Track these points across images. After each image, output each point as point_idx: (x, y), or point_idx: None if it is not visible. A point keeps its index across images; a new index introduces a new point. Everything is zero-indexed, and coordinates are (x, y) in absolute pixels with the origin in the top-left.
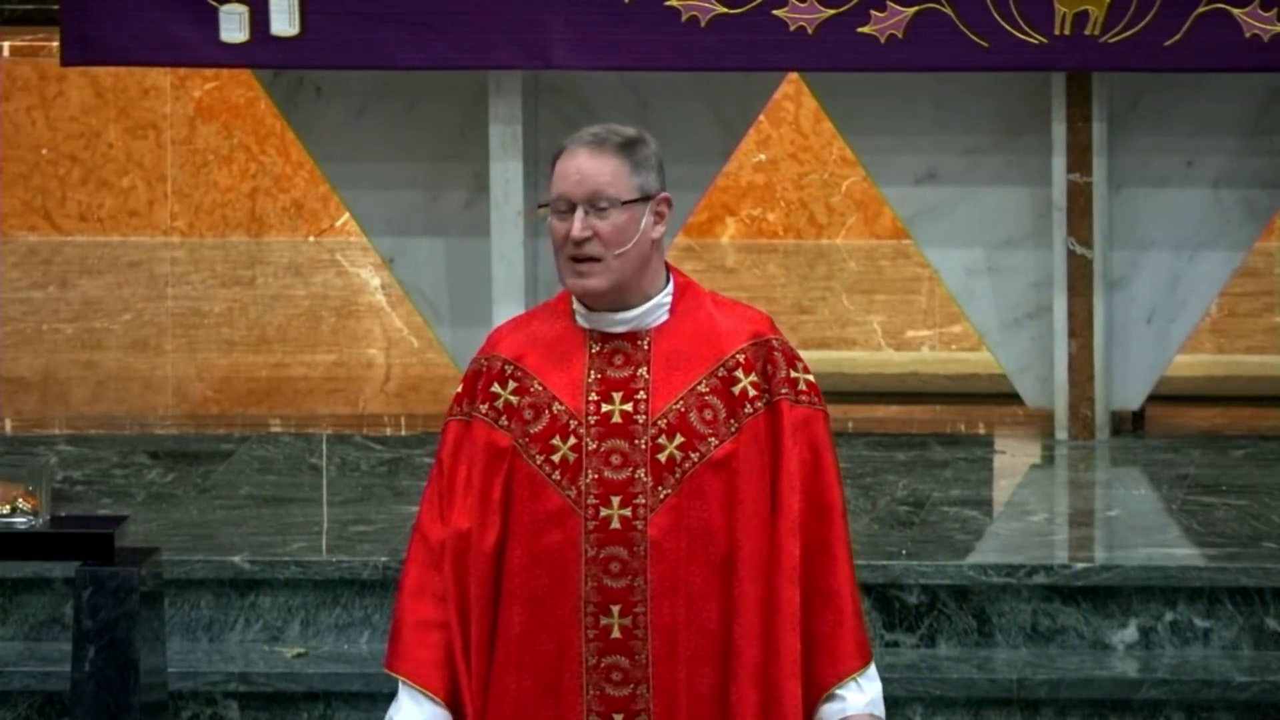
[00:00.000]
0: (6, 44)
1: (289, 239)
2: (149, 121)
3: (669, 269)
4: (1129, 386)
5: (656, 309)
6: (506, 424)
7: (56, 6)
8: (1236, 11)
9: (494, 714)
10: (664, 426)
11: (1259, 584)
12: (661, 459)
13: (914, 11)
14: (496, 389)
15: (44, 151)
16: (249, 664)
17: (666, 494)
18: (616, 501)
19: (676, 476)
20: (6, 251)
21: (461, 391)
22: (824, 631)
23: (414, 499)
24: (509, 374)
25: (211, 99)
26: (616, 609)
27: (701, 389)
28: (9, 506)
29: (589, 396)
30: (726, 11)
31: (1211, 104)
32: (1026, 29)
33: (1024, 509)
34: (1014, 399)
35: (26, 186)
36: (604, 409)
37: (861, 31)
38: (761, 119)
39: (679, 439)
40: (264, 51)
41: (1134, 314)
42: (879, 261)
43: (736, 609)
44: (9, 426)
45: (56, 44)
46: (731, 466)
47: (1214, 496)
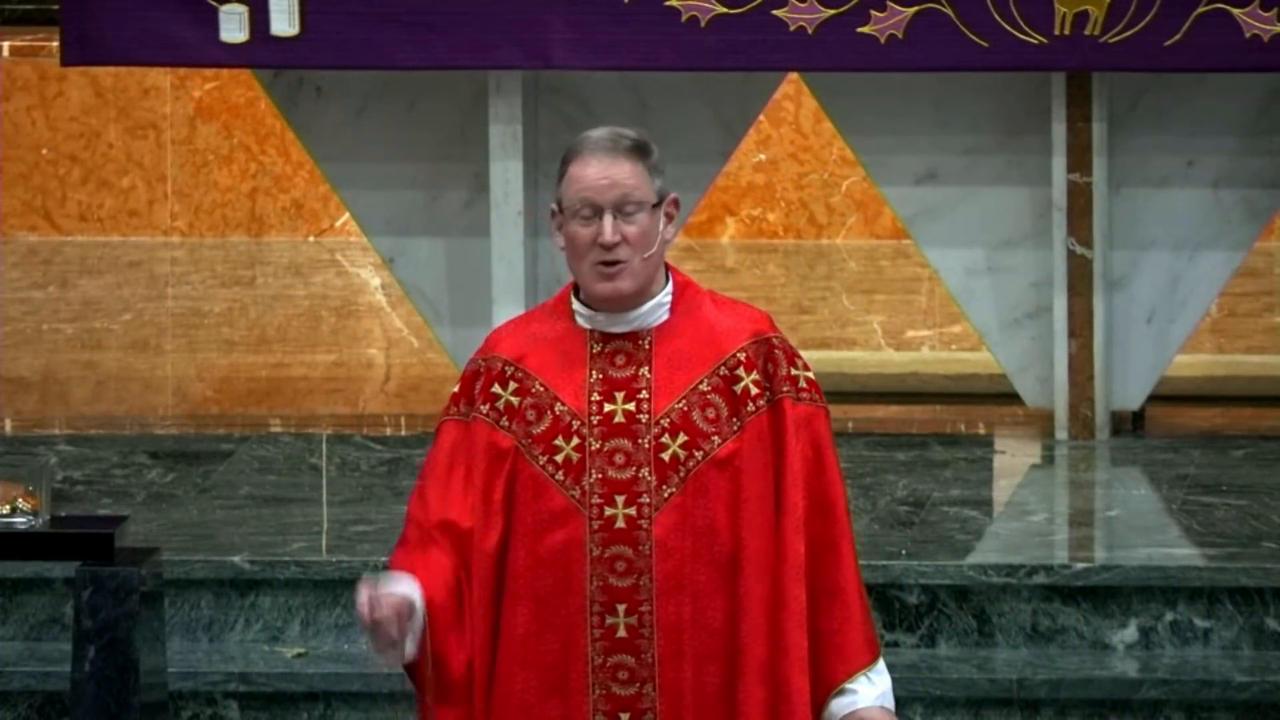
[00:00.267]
0: (6, 44)
1: (289, 239)
2: (149, 121)
3: (667, 268)
4: (1129, 386)
5: (658, 308)
6: (507, 425)
7: (56, 6)
8: (1236, 11)
9: (499, 714)
10: (667, 425)
11: (1259, 584)
12: (665, 458)
13: (914, 11)
14: (497, 389)
15: (44, 151)
16: (249, 664)
17: (671, 493)
18: (621, 501)
19: (681, 475)
20: (6, 251)
21: (459, 392)
22: (831, 627)
23: None
24: (509, 375)
25: (211, 99)
26: (622, 608)
27: (704, 388)
28: (9, 506)
29: (591, 396)
30: (726, 11)
31: (1211, 104)
32: (1026, 29)
33: (1024, 509)
34: (1014, 399)
35: (26, 186)
36: (606, 409)
37: (861, 31)
38: (761, 119)
39: (682, 438)
40: (264, 51)
41: (1134, 314)
42: (879, 261)
43: (743, 607)
44: (9, 426)
45: (56, 44)
46: (735, 465)
47: (1214, 496)
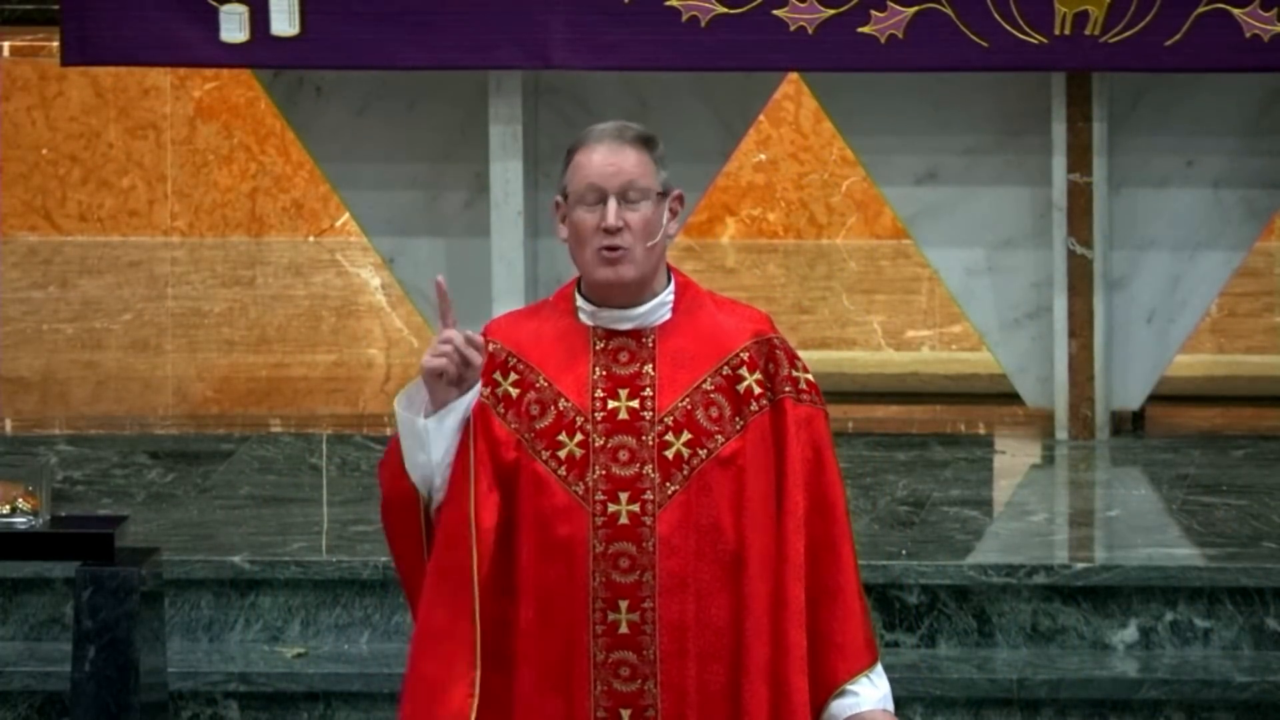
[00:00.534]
0: (6, 44)
1: (289, 239)
2: (149, 121)
3: (669, 268)
4: (1129, 386)
5: (660, 307)
6: (503, 413)
7: (56, 6)
8: (1236, 11)
9: (500, 708)
10: (671, 423)
11: (1259, 584)
12: (669, 455)
13: (914, 11)
14: (498, 377)
15: (44, 151)
16: (249, 664)
17: (675, 490)
18: (624, 497)
19: (684, 473)
20: (6, 251)
21: None
22: (833, 628)
23: None
24: (511, 365)
25: (211, 99)
26: (625, 604)
27: (707, 386)
28: (9, 506)
29: (595, 393)
30: (726, 11)
31: (1211, 104)
32: (1026, 29)
33: (1024, 509)
34: (1014, 399)
35: (26, 186)
36: (610, 405)
37: (861, 31)
38: (761, 119)
39: (686, 436)
40: (264, 51)
41: (1134, 314)
42: (879, 261)
43: (746, 606)
44: (9, 426)
45: (56, 44)
46: (738, 464)
47: (1214, 496)
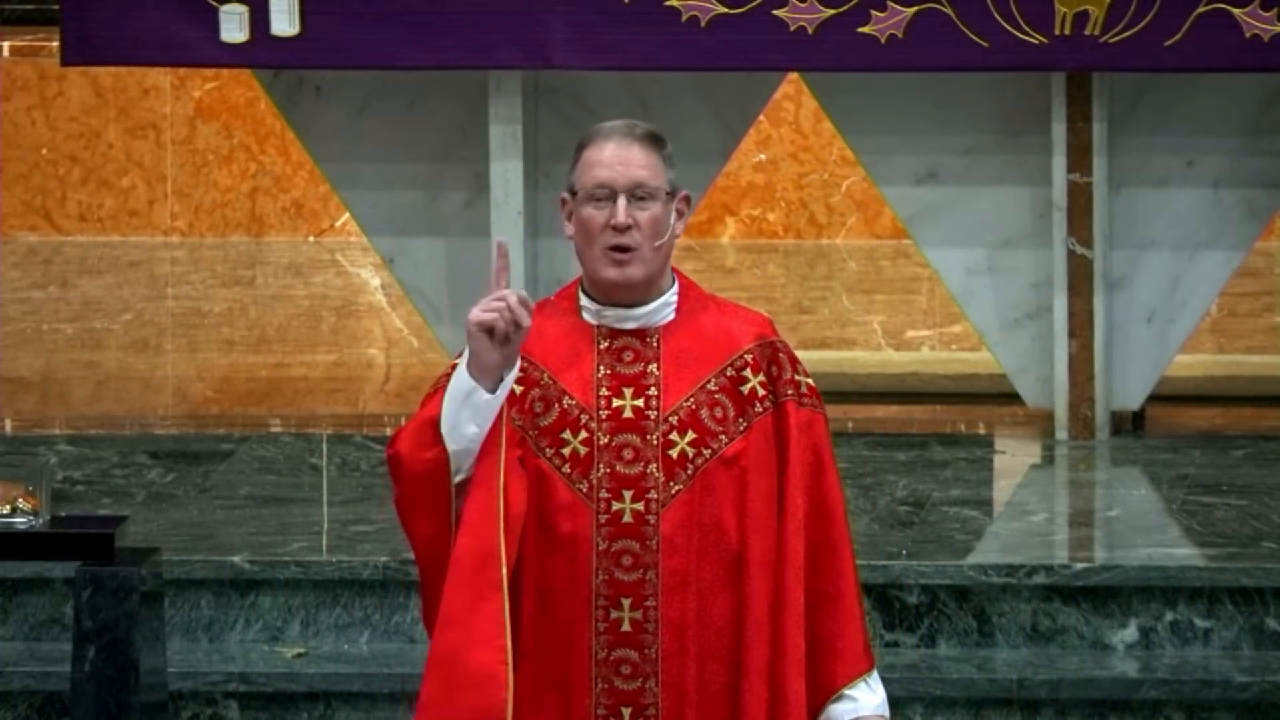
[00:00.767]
0: (6, 44)
1: (289, 239)
2: (149, 121)
3: (673, 269)
4: (1129, 386)
5: (665, 307)
6: (506, 409)
7: (56, 6)
8: (1236, 11)
9: None
10: (675, 423)
11: (1259, 584)
12: (673, 455)
13: (914, 11)
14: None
15: (44, 151)
16: (249, 664)
17: (678, 489)
18: (628, 496)
19: (688, 472)
20: (6, 251)
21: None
22: (832, 632)
23: None
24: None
25: (211, 99)
26: (627, 602)
27: (711, 387)
28: (9, 506)
29: (600, 391)
30: (726, 11)
31: (1211, 104)
32: (1026, 29)
33: (1024, 509)
34: (1014, 399)
35: (26, 186)
36: (615, 404)
37: (861, 31)
38: (761, 119)
39: (690, 435)
40: (264, 51)
41: (1134, 314)
42: (879, 261)
43: (747, 606)
44: (9, 426)
45: (56, 44)
46: (742, 464)
47: (1214, 496)
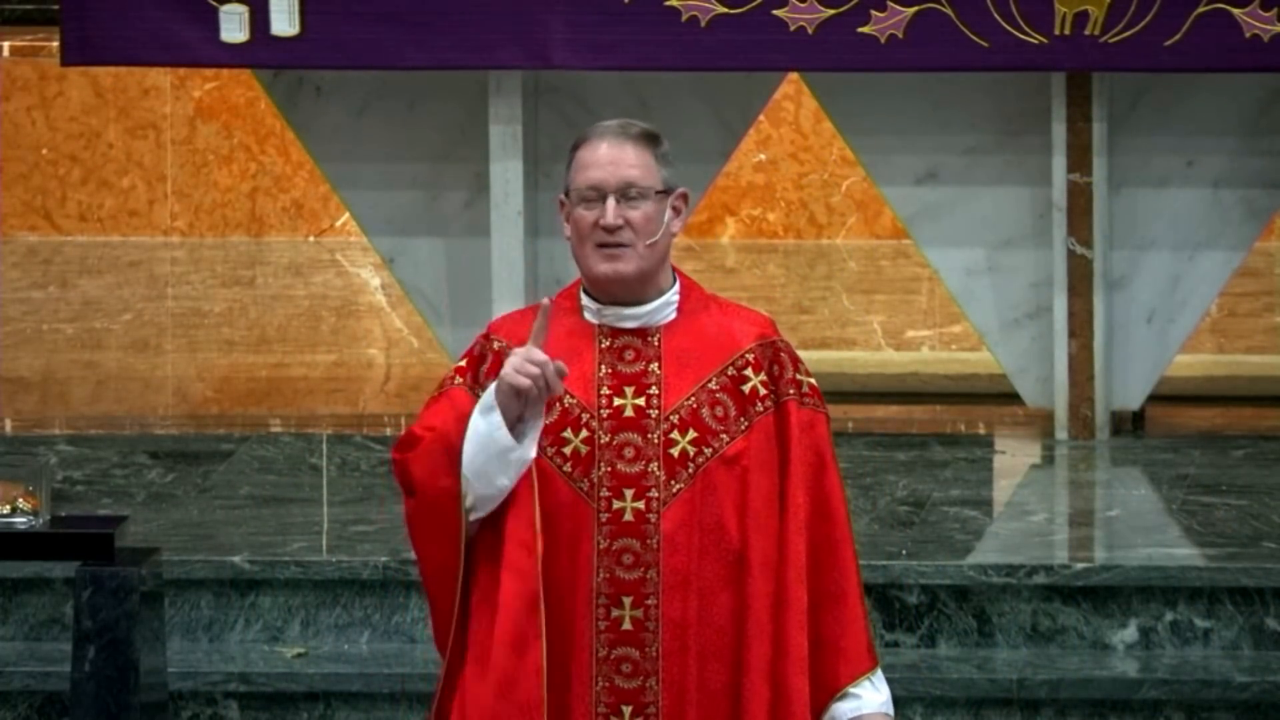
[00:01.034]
0: (6, 44)
1: (289, 239)
2: (149, 121)
3: (673, 269)
4: (1129, 386)
5: (666, 306)
6: None
7: (56, 6)
8: (1236, 11)
9: None
10: (676, 422)
11: (1259, 584)
12: (674, 454)
13: (914, 11)
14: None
15: (44, 151)
16: (249, 664)
17: (680, 488)
18: (629, 494)
19: (689, 471)
20: (6, 251)
21: (465, 365)
22: (835, 631)
23: None
24: None
25: (211, 99)
26: (628, 601)
27: (712, 386)
28: (9, 506)
29: (601, 390)
30: (726, 11)
31: (1211, 104)
32: (1026, 29)
33: (1024, 509)
34: (1014, 399)
35: (26, 186)
36: (616, 403)
37: (861, 31)
38: (761, 119)
39: (691, 434)
40: (264, 51)
41: (1134, 314)
42: (879, 261)
43: (748, 605)
44: (9, 426)
45: (56, 44)
46: (743, 463)
47: (1214, 496)
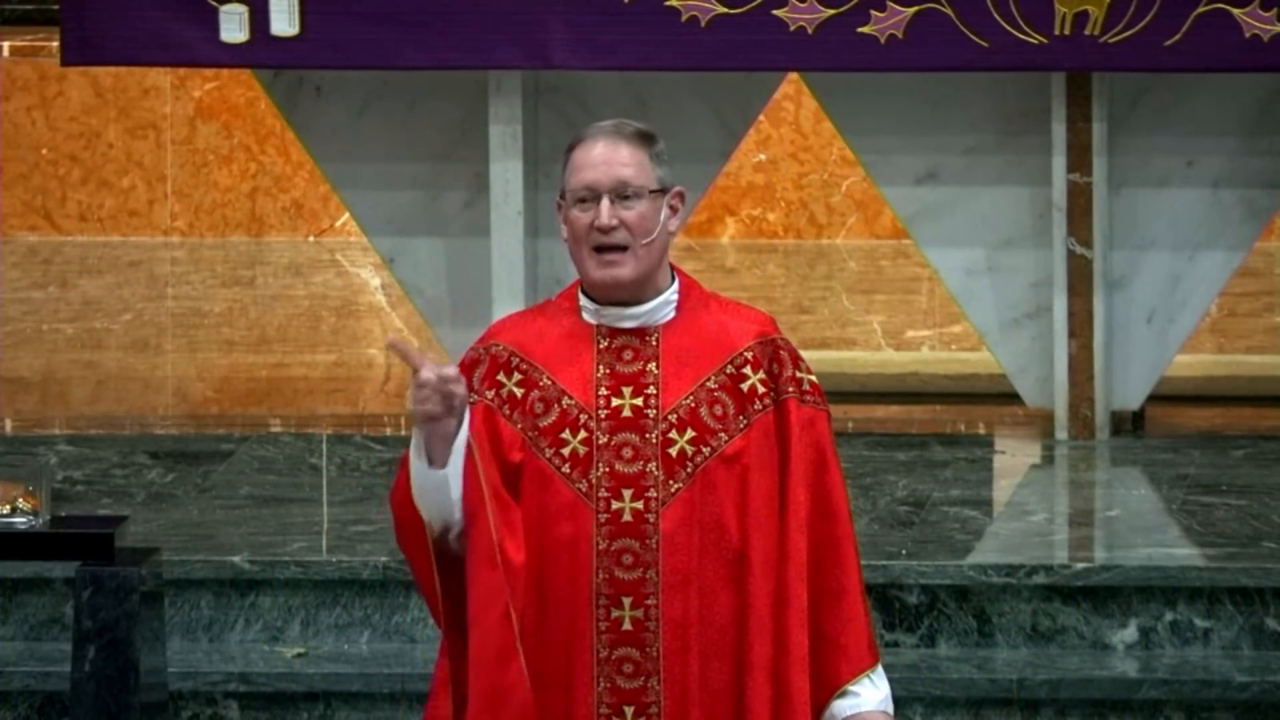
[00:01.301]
0: (6, 44)
1: (289, 239)
2: (149, 121)
3: (672, 268)
4: (1129, 386)
5: (664, 305)
6: (508, 413)
7: (56, 6)
8: (1236, 11)
9: None
10: (674, 421)
11: (1259, 584)
12: (673, 453)
13: (914, 11)
14: (502, 378)
15: (44, 151)
16: (249, 664)
17: (678, 488)
18: (628, 494)
19: (688, 470)
20: (6, 251)
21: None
22: (836, 628)
23: None
24: (515, 365)
25: (211, 99)
26: (628, 601)
27: (711, 385)
28: (9, 506)
29: (599, 391)
30: (726, 11)
31: (1211, 104)
32: (1026, 29)
33: (1024, 509)
34: (1014, 399)
35: (26, 186)
36: (614, 403)
37: (861, 31)
38: (761, 119)
39: (690, 433)
40: (264, 51)
41: (1134, 314)
42: (879, 261)
43: (749, 604)
44: (9, 426)
45: (56, 44)
46: (742, 462)
47: (1214, 496)
